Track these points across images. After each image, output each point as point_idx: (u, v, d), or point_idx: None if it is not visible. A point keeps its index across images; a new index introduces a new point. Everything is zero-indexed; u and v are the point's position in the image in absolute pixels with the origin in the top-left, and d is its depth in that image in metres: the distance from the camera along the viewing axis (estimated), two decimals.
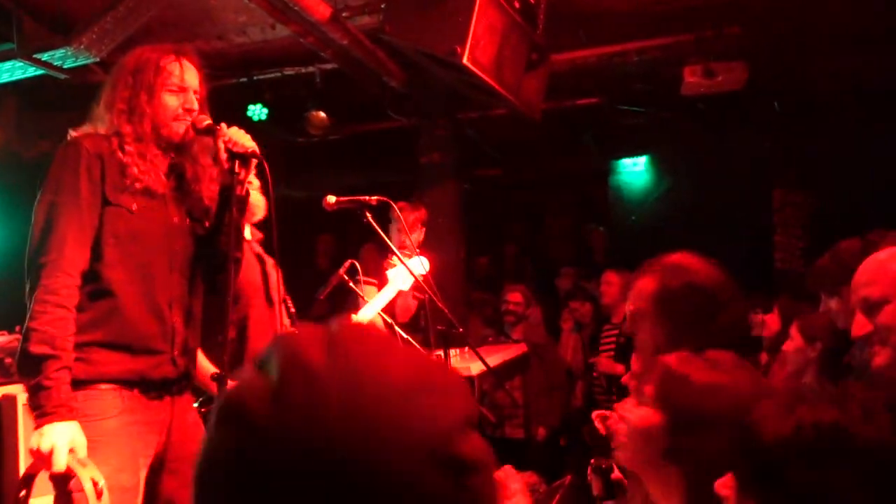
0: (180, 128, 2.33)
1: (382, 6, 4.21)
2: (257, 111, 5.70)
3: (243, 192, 2.33)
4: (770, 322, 4.27)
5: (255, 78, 5.58)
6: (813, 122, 6.61)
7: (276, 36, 4.87)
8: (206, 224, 2.44)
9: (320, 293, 4.01)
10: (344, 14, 4.43)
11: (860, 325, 1.69)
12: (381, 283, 3.73)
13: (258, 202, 3.20)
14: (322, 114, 5.79)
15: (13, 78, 4.40)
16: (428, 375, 0.69)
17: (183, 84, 2.35)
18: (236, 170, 2.28)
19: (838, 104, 6.47)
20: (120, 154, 2.24)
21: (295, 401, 0.64)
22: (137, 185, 2.25)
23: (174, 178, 2.40)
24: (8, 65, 4.22)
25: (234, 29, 4.87)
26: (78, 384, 2.09)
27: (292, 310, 3.38)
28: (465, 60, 3.89)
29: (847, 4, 4.84)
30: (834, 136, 6.60)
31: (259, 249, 3.26)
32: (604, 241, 8.25)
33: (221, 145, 2.30)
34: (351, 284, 3.64)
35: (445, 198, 6.00)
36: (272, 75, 5.59)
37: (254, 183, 3.17)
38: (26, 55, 4.13)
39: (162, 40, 5.04)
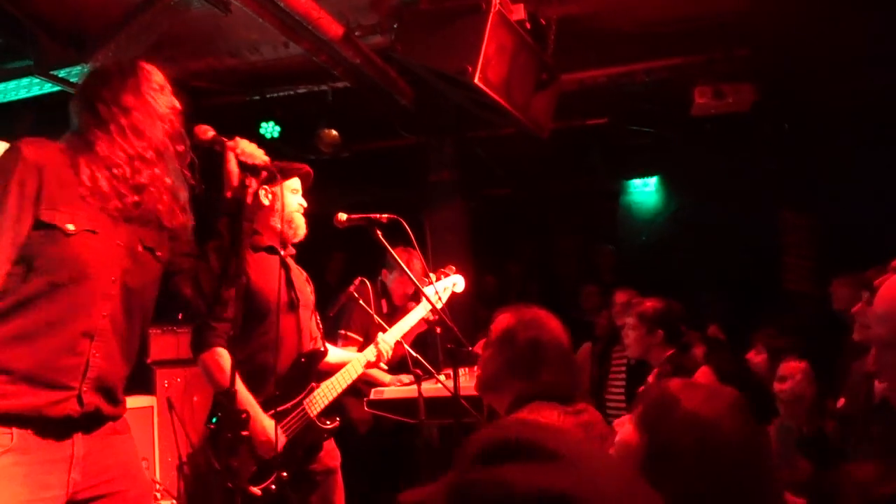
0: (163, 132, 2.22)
1: (394, 26, 4.25)
2: (269, 129, 5.74)
3: (250, 202, 2.33)
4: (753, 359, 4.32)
5: (267, 96, 5.63)
6: (820, 142, 6.61)
7: (288, 54, 4.91)
8: (159, 253, 2.26)
9: (330, 310, 4.03)
10: (356, 33, 4.48)
11: (872, 360, 1.70)
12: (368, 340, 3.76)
13: (300, 223, 3.23)
14: (333, 131, 5.83)
15: (31, 94, 4.46)
16: None
17: (162, 84, 2.27)
18: (246, 182, 2.28)
19: (846, 125, 6.48)
20: (71, 163, 2.08)
21: None
22: (83, 201, 2.07)
23: (135, 197, 2.18)
24: (25, 81, 4.28)
25: (246, 46, 4.92)
26: None
27: (320, 325, 3.38)
28: (475, 80, 3.92)
29: (855, 25, 4.87)
30: (841, 157, 6.61)
31: (292, 263, 3.28)
32: (612, 259, 8.24)
33: (232, 158, 2.30)
34: (361, 302, 3.65)
35: (453, 216, 6.02)
36: (284, 93, 5.63)
37: (296, 206, 3.18)
38: (43, 72, 4.19)
39: (174, 57, 5.12)
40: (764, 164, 6.90)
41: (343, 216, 3.15)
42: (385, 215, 3.14)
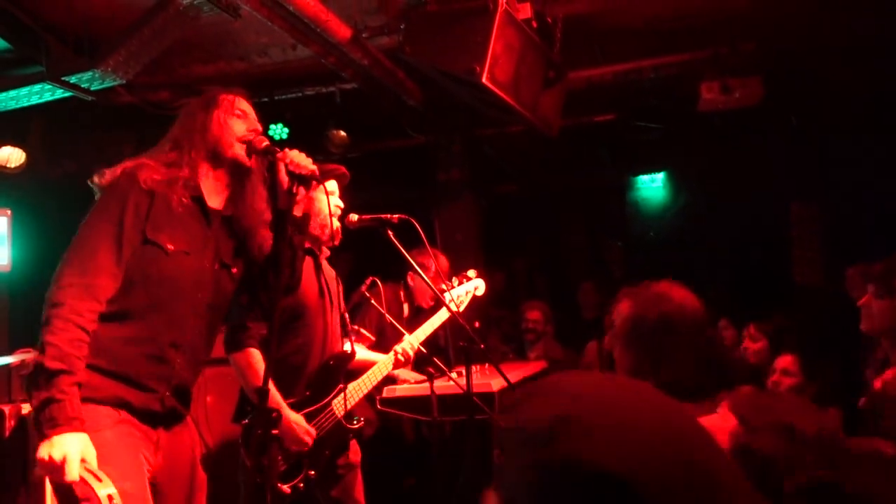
0: (243, 149, 2.44)
1: (402, 27, 4.28)
2: (278, 130, 5.78)
3: (300, 214, 2.41)
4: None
5: (276, 98, 5.66)
6: (829, 134, 6.60)
7: (297, 56, 4.94)
8: (234, 270, 2.50)
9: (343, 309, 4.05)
10: (364, 35, 4.50)
11: None
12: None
13: (336, 227, 3.24)
14: (342, 132, 5.86)
15: (42, 100, 4.50)
16: None
17: (244, 110, 2.49)
18: (294, 190, 2.36)
19: (855, 116, 6.46)
20: (172, 188, 2.30)
21: None
22: (181, 225, 2.31)
23: (223, 220, 2.47)
24: (37, 87, 4.32)
25: (255, 50, 4.96)
26: None
27: (350, 326, 3.39)
28: (483, 79, 3.94)
29: (859, 15, 4.86)
30: (850, 149, 6.60)
31: (325, 264, 3.29)
32: (621, 255, 8.25)
33: (283, 167, 2.39)
34: (373, 301, 3.68)
35: (463, 214, 6.05)
36: (293, 95, 5.66)
37: (332, 208, 3.22)
38: (54, 78, 4.23)
39: (185, 62, 5.15)
40: (773, 157, 6.89)
41: (354, 217, 3.17)
42: (396, 215, 3.17)
